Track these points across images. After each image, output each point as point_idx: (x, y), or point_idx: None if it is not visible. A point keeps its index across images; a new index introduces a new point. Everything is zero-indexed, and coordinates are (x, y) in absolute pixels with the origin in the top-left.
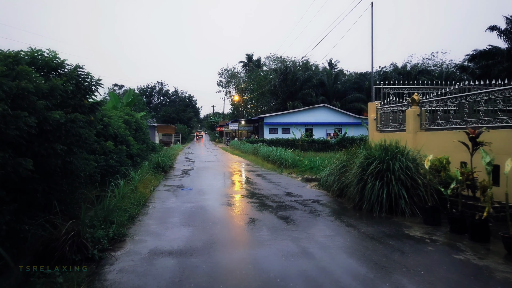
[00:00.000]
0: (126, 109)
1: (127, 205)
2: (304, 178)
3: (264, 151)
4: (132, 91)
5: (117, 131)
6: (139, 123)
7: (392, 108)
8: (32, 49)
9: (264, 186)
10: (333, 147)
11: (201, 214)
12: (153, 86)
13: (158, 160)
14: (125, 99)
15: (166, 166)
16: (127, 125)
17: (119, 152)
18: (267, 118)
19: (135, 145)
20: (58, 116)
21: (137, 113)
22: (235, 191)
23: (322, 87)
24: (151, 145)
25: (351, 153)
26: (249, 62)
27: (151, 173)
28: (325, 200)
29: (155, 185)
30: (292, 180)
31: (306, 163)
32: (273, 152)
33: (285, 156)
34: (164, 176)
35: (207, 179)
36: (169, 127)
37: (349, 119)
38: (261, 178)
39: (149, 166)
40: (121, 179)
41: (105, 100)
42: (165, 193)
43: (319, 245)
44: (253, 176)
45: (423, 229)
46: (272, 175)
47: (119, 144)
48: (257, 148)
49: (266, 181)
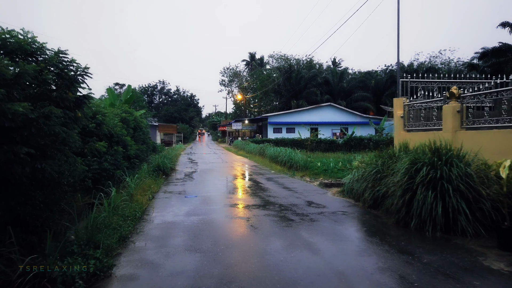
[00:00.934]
0: (124, 107)
1: (118, 220)
2: (322, 183)
3: (271, 152)
4: (130, 87)
5: (113, 130)
6: (138, 121)
7: (423, 104)
8: (3, 29)
9: (279, 193)
10: (340, 147)
11: (210, 232)
12: (154, 85)
13: (159, 162)
14: (124, 96)
15: (167, 168)
16: (125, 123)
17: (115, 153)
18: (271, 117)
19: (133, 146)
20: (21, 109)
21: (137, 111)
22: (247, 199)
23: (327, 86)
24: (152, 145)
25: (386, 156)
26: (251, 61)
27: (151, 176)
28: (356, 212)
29: (154, 191)
30: (309, 186)
31: (318, 165)
32: (282, 153)
33: (296, 158)
34: (165, 180)
35: (212, 184)
36: (171, 127)
37: (356, 118)
38: (273, 182)
39: (149, 168)
40: (114, 186)
41: (99, 99)
42: (165, 202)
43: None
44: (263, 180)
45: (504, 258)
46: (284, 179)
47: (115, 144)
48: (263, 149)
49: (279, 187)
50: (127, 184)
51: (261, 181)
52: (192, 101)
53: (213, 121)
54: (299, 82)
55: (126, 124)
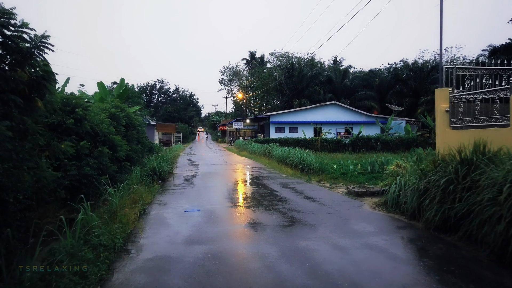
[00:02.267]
0: (115, 101)
1: (85, 256)
2: (352, 191)
3: (279, 153)
4: (124, 81)
5: (98, 127)
6: (131, 118)
7: (478, 95)
8: None
9: (302, 206)
10: (346, 147)
11: (224, 279)
12: (153, 84)
13: (154, 165)
14: (116, 91)
15: (164, 172)
16: (114, 120)
17: (99, 155)
18: (273, 116)
19: (124, 146)
20: None
21: (131, 108)
22: (265, 216)
23: (330, 84)
24: (148, 146)
25: (466, 162)
26: (252, 60)
27: (144, 182)
28: (419, 238)
29: (147, 202)
30: (334, 195)
31: (335, 167)
32: (292, 154)
33: (308, 159)
34: (161, 187)
35: (217, 192)
36: (170, 126)
37: (361, 117)
38: (290, 190)
39: (142, 173)
40: (92, 199)
41: (89, 95)
42: (159, 220)
43: None
44: (277, 186)
45: None
46: (301, 185)
47: (101, 144)
48: (269, 149)
49: (299, 196)
50: (115, 193)
51: (275, 188)
52: (192, 101)
53: (213, 120)
54: (301, 81)
55: (116, 121)
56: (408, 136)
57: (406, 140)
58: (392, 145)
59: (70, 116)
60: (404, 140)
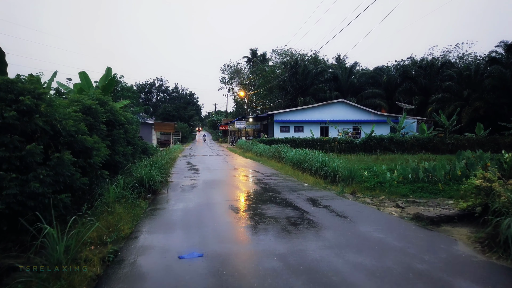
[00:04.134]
0: (95, 92)
1: None
2: (423, 216)
3: (292, 156)
4: (111, 70)
5: (60, 124)
6: (116, 114)
7: None
8: None
9: (359, 245)
10: (358, 148)
11: None
12: (152, 82)
13: (142, 174)
14: (101, 82)
15: (155, 182)
16: (90, 115)
17: (57, 164)
18: (277, 115)
19: (103, 150)
20: None
21: (119, 102)
22: (314, 272)
23: (335, 82)
24: (142, 147)
25: None
26: (253, 57)
27: (127, 198)
28: None
29: (124, 234)
30: (391, 219)
31: (366, 174)
32: (310, 157)
33: (333, 164)
34: (150, 205)
35: (228, 215)
36: (168, 125)
37: (370, 116)
38: (326, 210)
39: (128, 183)
40: None
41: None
42: (132, 282)
43: None
44: (305, 203)
45: None
46: (336, 202)
47: (65, 148)
48: (279, 151)
49: (345, 223)
50: (87, 218)
51: (303, 206)
52: (192, 99)
53: (213, 120)
54: (305, 78)
55: (92, 116)
56: (423, 136)
57: (422, 140)
58: (407, 146)
59: (12, 107)
60: (419, 140)
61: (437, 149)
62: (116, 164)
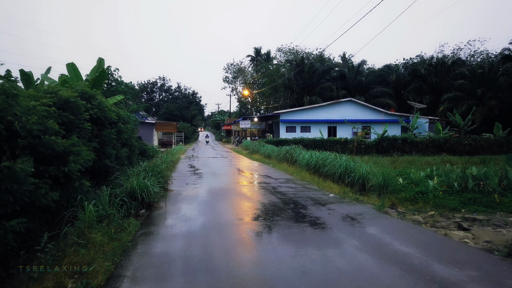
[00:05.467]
0: (81, 85)
1: None
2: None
3: (307, 159)
4: (103, 62)
5: (19, 121)
6: (104, 111)
7: None
8: None
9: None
10: (370, 149)
11: None
12: (154, 81)
13: (134, 186)
14: (91, 74)
15: (150, 195)
16: (69, 111)
17: (5, 177)
18: (283, 114)
19: (84, 154)
20: None
21: (111, 98)
22: None
23: (343, 81)
24: (140, 148)
25: None
26: (257, 56)
27: (112, 218)
28: None
29: (97, 281)
30: (476, 254)
31: (400, 182)
32: (330, 161)
33: (360, 169)
34: (141, 228)
35: (245, 245)
36: (170, 125)
37: (379, 116)
38: (376, 238)
39: (114, 198)
40: None
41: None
42: None
43: None
44: (343, 224)
45: None
46: (381, 222)
47: (25, 153)
48: (290, 153)
49: (419, 263)
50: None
51: (343, 229)
52: (194, 99)
53: (216, 120)
54: (312, 77)
55: (72, 112)
56: (439, 136)
57: (438, 141)
58: (421, 147)
59: None
60: (435, 141)
61: (454, 150)
62: (106, 169)
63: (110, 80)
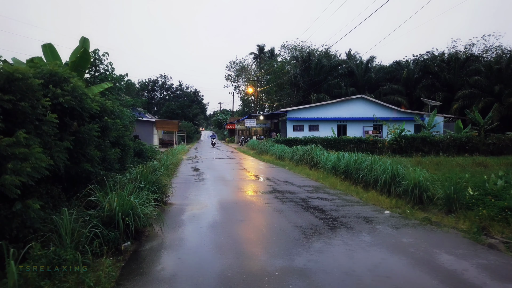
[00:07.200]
0: (50, 64)
1: None
2: None
3: (334, 161)
4: (88, 42)
5: None
6: (81, 100)
7: None
8: None
9: None
10: (385, 149)
11: None
12: (155, 80)
13: (114, 207)
14: (71, 57)
15: (139, 219)
16: (13, 95)
17: None
18: (290, 112)
19: (32, 160)
20: None
21: (96, 86)
22: None
23: (351, 77)
24: (136, 149)
25: None
26: (260, 54)
27: (70, 265)
28: None
29: None
30: None
31: (470, 192)
32: (368, 164)
33: (410, 176)
34: (121, 280)
35: None
36: (171, 123)
37: (391, 113)
38: None
39: (87, 225)
40: None
41: None
42: None
43: None
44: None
45: None
46: (495, 265)
47: None
48: (310, 154)
49: None
50: None
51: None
52: (196, 98)
53: (219, 119)
54: (319, 73)
55: (22, 95)
56: (461, 135)
57: (459, 140)
58: (442, 146)
59: None
60: (456, 140)
61: (477, 150)
62: (88, 176)
63: (97, 67)
